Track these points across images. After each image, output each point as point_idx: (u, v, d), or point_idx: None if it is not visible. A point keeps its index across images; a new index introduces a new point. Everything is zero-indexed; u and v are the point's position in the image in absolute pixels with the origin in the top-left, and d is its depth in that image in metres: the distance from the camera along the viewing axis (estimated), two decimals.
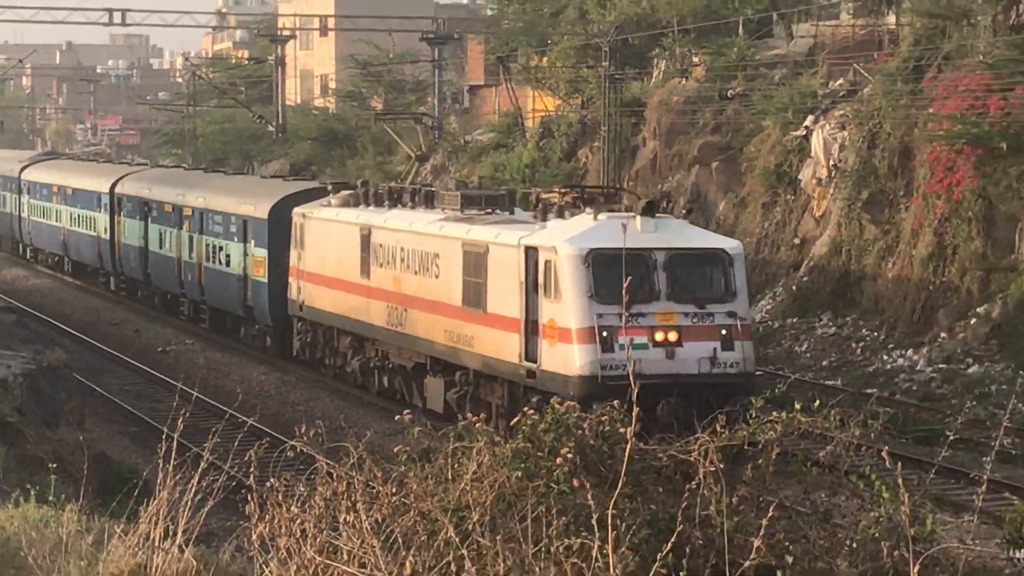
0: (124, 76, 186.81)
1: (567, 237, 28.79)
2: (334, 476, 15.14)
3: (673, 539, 13.66)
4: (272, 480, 14.86)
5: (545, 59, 69.38)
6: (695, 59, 62.06)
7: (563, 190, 35.08)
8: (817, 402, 19.81)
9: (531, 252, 29.89)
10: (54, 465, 20.76)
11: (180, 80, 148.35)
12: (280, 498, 15.16)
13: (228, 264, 49.63)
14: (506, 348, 29.15)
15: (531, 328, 29.46)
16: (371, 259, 38.83)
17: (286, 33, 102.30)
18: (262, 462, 15.43)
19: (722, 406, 24.04)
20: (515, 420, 15.89)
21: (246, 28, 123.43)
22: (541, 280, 29.29)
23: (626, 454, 12.62)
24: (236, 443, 17.23)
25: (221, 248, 50.13)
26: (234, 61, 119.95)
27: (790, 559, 15.60)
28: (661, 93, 62.62)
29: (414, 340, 34.45)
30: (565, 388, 26.28)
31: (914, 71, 50.05)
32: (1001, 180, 47.28)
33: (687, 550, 14.17)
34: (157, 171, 71.20)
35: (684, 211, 31.29)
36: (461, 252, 33.41)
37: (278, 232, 45.78)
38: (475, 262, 32.52)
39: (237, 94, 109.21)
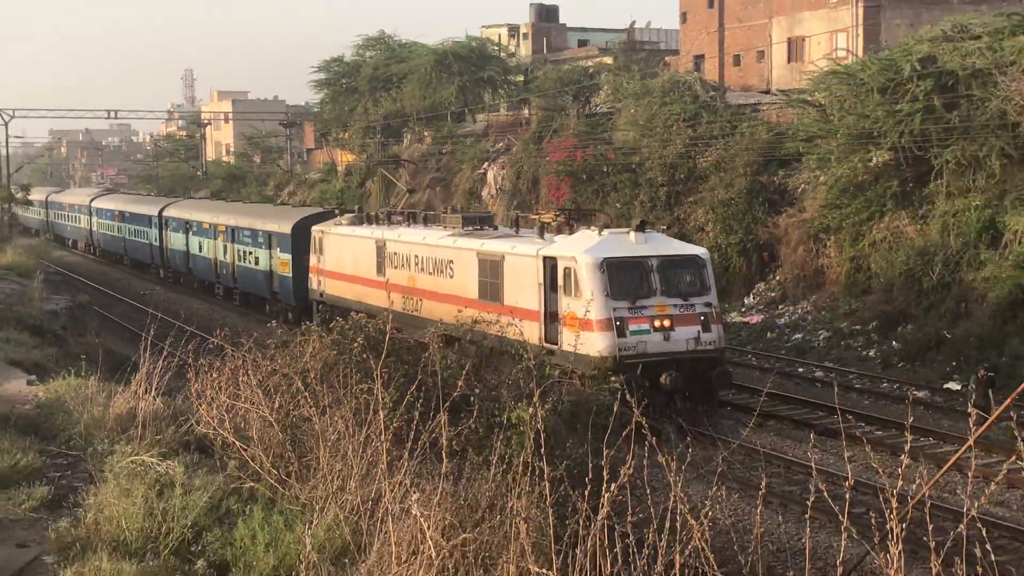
0: (117, 146, 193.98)
1: (584, 249, 24.59)
2: (236, 356, 14.48)
3: (416, 382, 13.44)
4: (202, 359, 14.58)
5: (347, 134, 68.61)
6: (425, 133, 61.05)
7: (556, 214, 29.69)
8: None
9: (548, 260, 25.39)
10: (83, 357, 20.66)
11: (148, 147, 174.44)
12: (206, 369, 14.38)
13: (257, 263, 45.70)
14: (524, 331, 23.63)
15: (549, 317, 25.30)
16: (386, 263, 33.23)
17: (205, 121, 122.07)
18: (197, 350, 15.37)
19: (705, 374, 24.58)
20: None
21: (184, 119, 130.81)
22: (561, 282, 24.81)
23: (386, 339, 12.32)
24: (183, 341, 17.07)
25: (251, 253, 46.23)
26: (178, 137, 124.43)
27: (476, 390, 15.06)
28: (408, 151, 62.07)
29: (428, 322, 27.85)
30: (588, 365, 23.04)
31: (538, 138, 50.16)
32: (585, 193, 50.16)
33: (423, 388, 13.86)
34: (192, 201, 68.37)
35: (664, 227, 27.95)
36: (476, 260, 28.32)
37: (299, 242, 41.25)
38: (492, 267, 27.60)
39: (179, 154, 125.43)
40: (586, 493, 8.44)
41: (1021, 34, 36.44)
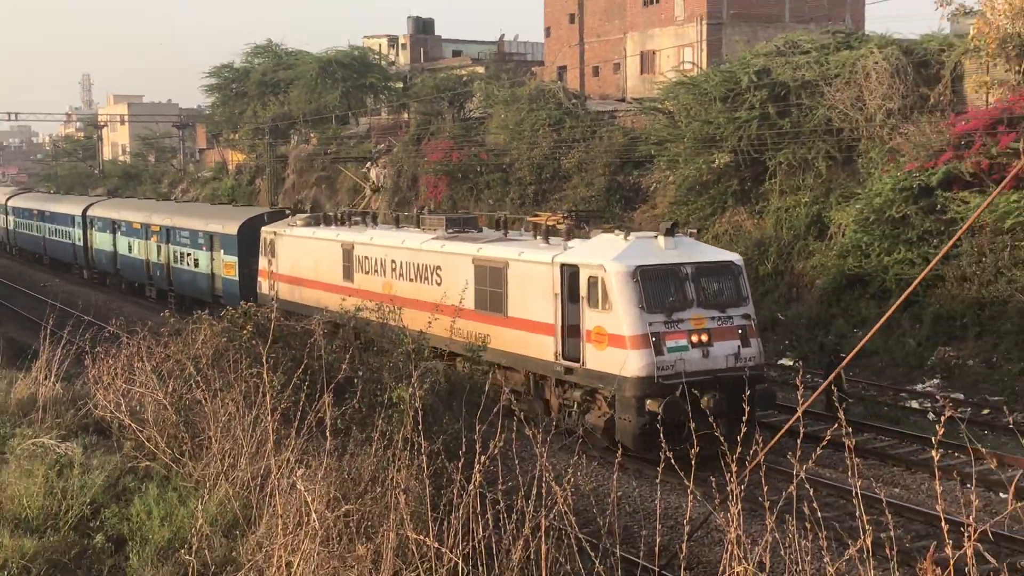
0: (18, 146, 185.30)
1: (612, 256, 19.71)
2: (132, 343, 14.04)
3: (303, 366, 12.85)
4: (99, 347, 14.13)
5: (237, 135, 67.20)
6: (311, 135, 60.05)
7: (564, 216, 25.06)
8: None
9: (567, 268, 20.38)
10: None
11: (48, 148, 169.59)
12: (103, 355, 13.95)
13: (197, 265, 38.86)
14: (534, 346, 20.73)
15: (567, 332, 20.44)
16: (354, 268, 27.58)
17: (102, 123, 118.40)
18: (94, 338, 14.84)
19: (744, 393, 18.89)
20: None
21: (82, 121, 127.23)
22: (584, 293, 19.88)
23: (271, 325, 12.09)
24: (80, 329, 16.27)
25: (189, 254, 39.55)
26: (76, 138, 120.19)
27: (360, 372, 15.05)
28: (296, 151, 60.92)
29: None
30: (621, 387, 18.85)
31: (417, 139, 49.85)
32: (460, 190, 49.98)
33: (309, 372, 13.61)
34: (119, 200, 59.36)
35: (695, 230, 22.45)
36: (472, 266, 23.07)
37: (246, 244, 35.02)
38: (492, 275, 22.46)
39: (77, 154, 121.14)
40: (460, 464, 8.46)
41: (844, 50, 37.52)
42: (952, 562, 6.82)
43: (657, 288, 19.52)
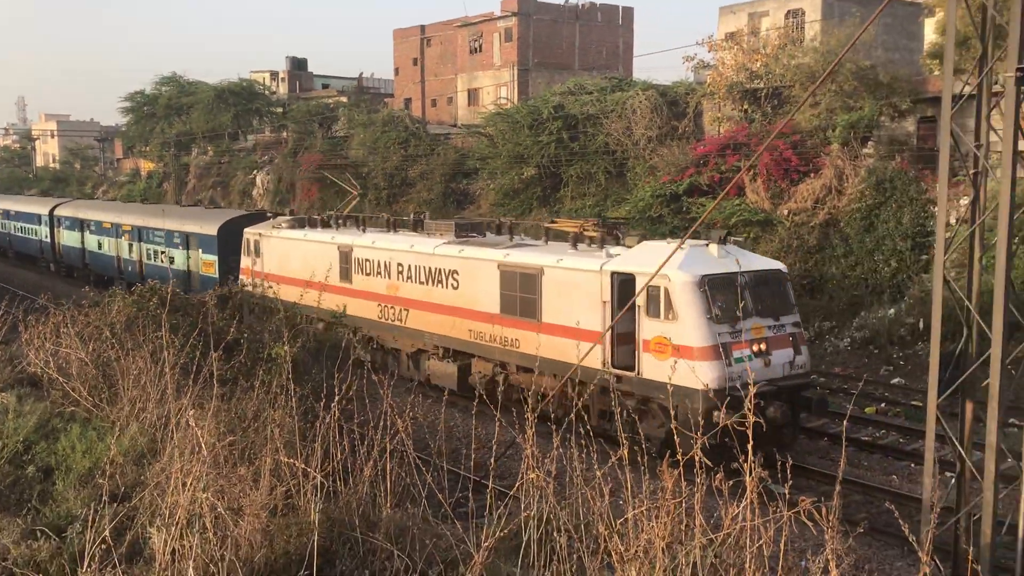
0: None
1: (677, 265, 15.35)
2: (58, 313, 13.27)
3: (198, 330, 12.35)
4: (31, 316, 13.28)
5: (148, 147, 64.09)
6: (209, 148, 57.77)
7: (595, 224, 19.43)
8: None
9: (618, 277, 16.11)
10: None
11: None
12: (35, 323, 13.10)
13: (173, 263, 33.05)
14: (572, 352, 16.15)
15: (617, 340, 16.06)
16: (353, 269, 22.72)
17: (35, 137, 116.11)
18: (27, 309, 13.94)
19: (800, 400, 16.22)
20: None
21: (18, 135, 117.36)
22: (642, 303, 15.55)
23: (168, 295, 11.59)
24: (16, 303, 15.17)
25: (163, 252, 33.93)
26: (13, 148, 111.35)
27: (245, 335, 14.26)
28: (196, 161, 58.62)
29: (418, 333, 20.39)
30: (689, 399, 14.49)
31: (294, 153, 48.45)
32: (328, 194, 48.14)
33: (203, 335, 13.25)
34: (85, 201, 51.51)
35: (740, 239, 18.04)
36: (498, 271, 18.40)
37: (226, 244, 29.83)
38: (523, 281, 17.85)
39: (13, 162, 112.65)
40: (321, 404, 8.41)
41: (617, 91, 38.44)
42: (683, 462, 7.08)
43: (722, 298, 15.61)
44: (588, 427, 8.50)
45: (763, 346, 15.69)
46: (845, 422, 8.16)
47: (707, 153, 31.66)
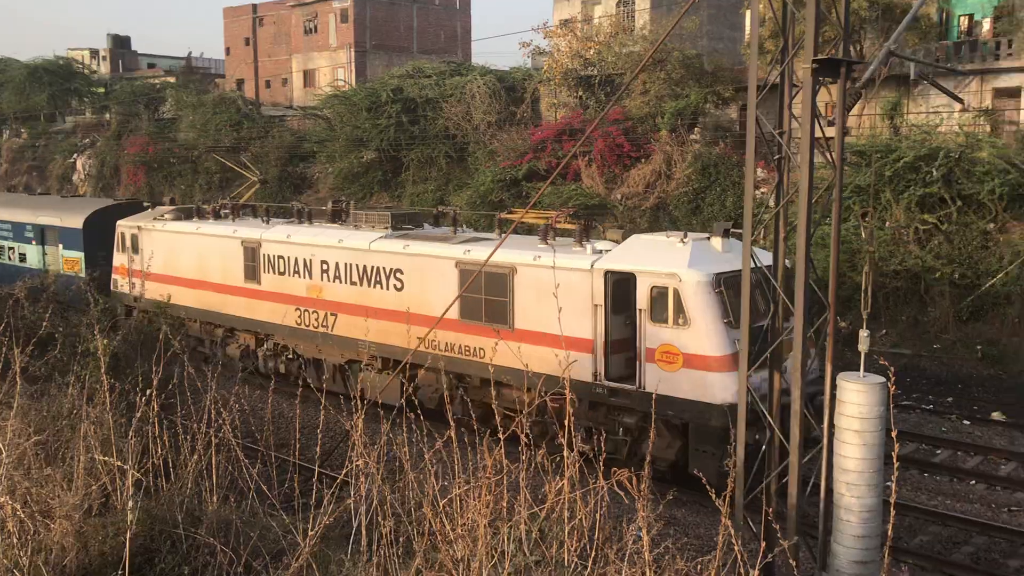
0: None
1: (685, 262, 13.24)
2: None
3: (5, 324, 11.21)
4: None
5: None
6: (22, 130, 54.30)
7: (567, 217, 16.87)
8: None
9: (612, 276, 13.67)
10: None
11: None
12: None
13: (24, 260, 28.13)
14: (553, 363, 13.12)
15: (610, 348, 13.79)
16: (260, 268, 19.32)
17: None
18: None
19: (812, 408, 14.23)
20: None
21: None
22: (645, 306, 13.30)
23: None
24: None
25: (11, 248, 28.71)
26: None
27: (60, 328, 13.28)
28: (8, 144, 55.64)
29: (349, 341, 17.37)
30: (704, 415, 12.76)
31: (118, 135, 45.88)
32: (156, 178, 46.99)
33: (11, 329, 12.04)
34: None
35: (739, 230, 13.77)
36: (456, 270, 15.62)
37: (94, 239, 25.47)
38: (490, 281, 15.14)
39: None
40: (142, 399, 8.07)
41: (456, 76, 38.59)
42: (504, 438, 7.36)
43: (736, 299, 12.86)
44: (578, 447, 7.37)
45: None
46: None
47: (545, 139, 32.31)
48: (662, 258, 13.67)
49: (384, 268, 17.21)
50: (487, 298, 15.53)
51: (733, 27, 42.61)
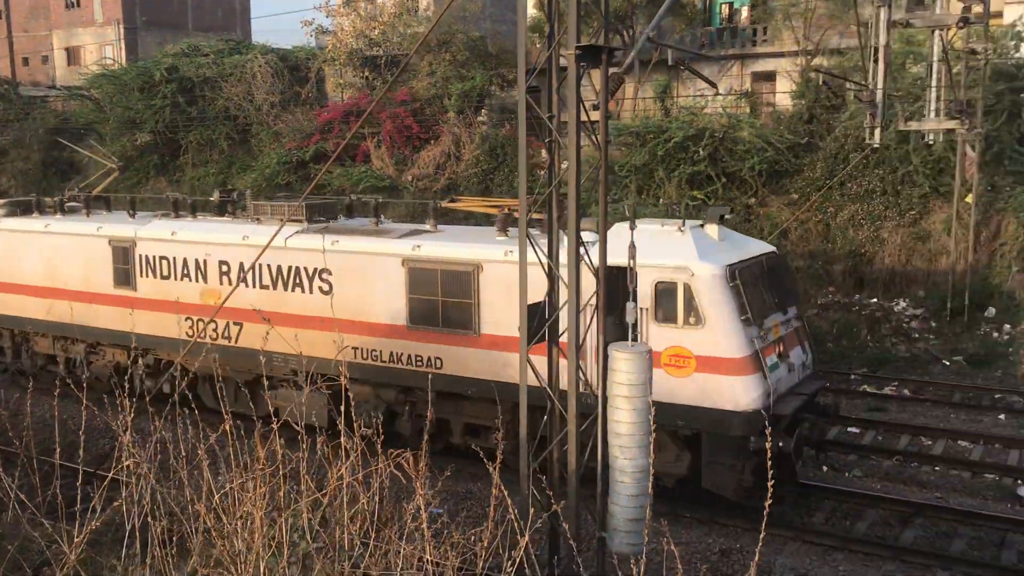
0: None
1: (694, 254, 11.51)
2: None
3: None
4: None
5: None
6: None
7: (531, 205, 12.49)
8: None
9: (607, 272, 9.67)
10: None
11: None
12: None
13: None
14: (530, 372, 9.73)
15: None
16: (136, 271, 16.09)
17: None
18: None
19: (817, 408, 13.23)
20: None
21: None
22: (649, 304, 11.42)
23: None
24: None
25: None
26: None
27: None
28: None
29: (257, 353, 12.07)
30: (723, 424, 11.26)
31: None
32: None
33: None
34: None
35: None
36: (404, 269, 13.26)
37: None
38: (448, 281, 12.94)
39: None
40: None
41: (235, 55, 37.15)
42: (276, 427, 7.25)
43: (752, 294, 11.97)
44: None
45: (782, 347, 12.43)
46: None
47: (332, 119, 31.80)
48: (665, 249, 12.05)
49: (306, 268, 14.73)
50: (445, 300, 13.57)
51: (515, 10, 43.50)
